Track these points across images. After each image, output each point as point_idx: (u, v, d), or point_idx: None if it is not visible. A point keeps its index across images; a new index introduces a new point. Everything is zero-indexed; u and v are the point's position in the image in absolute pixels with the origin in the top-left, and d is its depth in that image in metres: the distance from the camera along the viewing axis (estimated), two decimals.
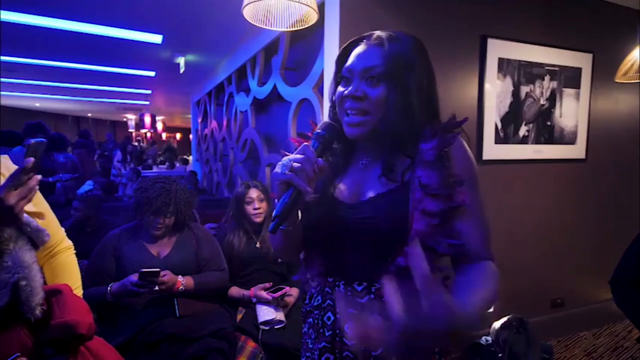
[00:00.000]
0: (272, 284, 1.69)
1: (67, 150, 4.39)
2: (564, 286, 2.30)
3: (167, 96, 7.49)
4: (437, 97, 0.73)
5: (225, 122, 3.95)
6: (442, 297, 0.45)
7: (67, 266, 1.02)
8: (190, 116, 6.97)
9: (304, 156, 0.62)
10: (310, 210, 0.72)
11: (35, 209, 0.90)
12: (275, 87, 2.53)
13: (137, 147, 8.66)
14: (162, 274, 1.41)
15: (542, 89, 2.07)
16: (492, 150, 1.98)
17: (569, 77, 2.14)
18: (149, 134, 12.64)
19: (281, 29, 1.46)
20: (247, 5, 1.31)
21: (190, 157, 8.53)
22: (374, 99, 0.66)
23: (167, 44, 3.42)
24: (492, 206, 0.72)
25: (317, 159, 0.64)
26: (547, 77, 2.07)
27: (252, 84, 2.96)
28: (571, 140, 2.20)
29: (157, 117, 10.75)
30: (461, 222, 0.65)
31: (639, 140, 2.42)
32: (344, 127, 0.71)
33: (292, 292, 1.72)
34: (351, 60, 0.70)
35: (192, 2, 2.46)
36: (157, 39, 3.27)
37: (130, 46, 3.47)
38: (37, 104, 9.17)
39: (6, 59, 4.13)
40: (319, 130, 0.69)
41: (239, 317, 1.65)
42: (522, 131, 2.05)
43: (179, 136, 15.34)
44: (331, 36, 1.72)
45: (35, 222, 0.82)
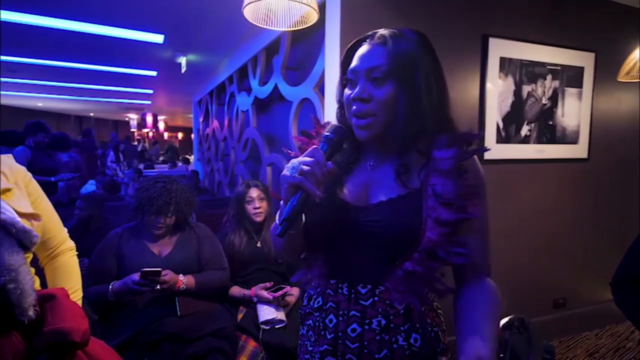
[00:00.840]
0: (272, 283, 1.70)
1: (71, 149, 4.40)
2: (566, 286, 2.29)
3: (168, 96, 7.51)
4: (447, 94, 0.71)
5: (226, 122, 3.96)
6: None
7: (68, 268, 1.02)
8: (192, 116, 6.99)
9: (313, 159, 0.61)
10: (314, 210, 0.71)
11: (31, 211, 0.88)
12: (276, 86, 2.53)
13: (131, 146, 8.50)
14: (163, 273, 1.41)
15: (544, 89, 2.06)
16: (493, 150, 1.97)
17: (571, 77, 2.13)
18: (150, 134, 12.68)
19: (282, 29, 1.46)
20: (247, 5, 1.31)
21: (191, 157, 8.54)
22: (380, 100, 0.65)
23: (168, 43, 3.43)
24: (493, 206, 0.71)
25: (327, 162, 0.64)
26: (549, 77, 2.06)
27: (254, 83, 2.96)
28: (573, 139, 2.19)
29: (159, 117, 10.77)
30: (468, 234, 0.66)
31: None
32: (353, 129, 0.70)
33: (293, 292, 1.72)
34: (355, 61, 0.68)
35: (193, 2, 2.46)
36: (158, 38, 3.28)
37: (131, 46, 3.48)
38: (40, 104, 9.21)
39: (9, 58, 4.15)
40: (327, 133, 0.67)
41: (240, 316, 1.65)
42: (524, 131, 2.04)
43: (180, 136, 15.37)
44: (332, 36, 1.72)
45: (21, 222, 0.80)
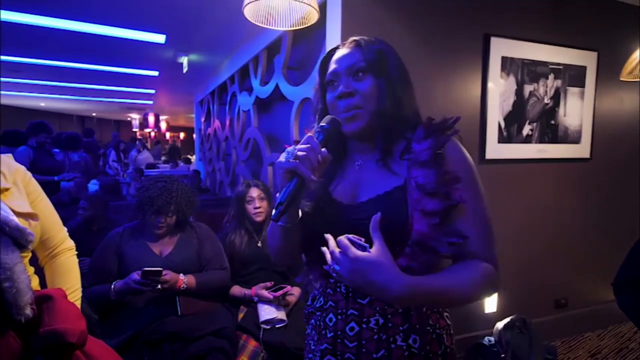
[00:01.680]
0: (273, 283, 1.70)
1: (81, 149, 4.43)
2: (568, 286, 2.28)
3: (170, 96, 7.52)
4: (414, 96, 0.76)
5: (228, 122, 3.96)
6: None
7: (67, 267, 1.02)
8: (193, 115, 6.99)
9: (308, 145, 0.63)
10: (310, 211, 0.73)
11: (29, 210, 0.88)
12: (277, 86, 2.53)
13: (132, 145, 8.28)
14: (164, 272, 1.41)
15: (546, 88, 2.05)
16: (495, 149, 1.96)
17: (574, 76, 2.12)
18: (152, 134, 12.70)
19: (282, 29, 1.46)
20: (247, 4, 1.31)
21: (193, 157, 8.55)
22: (364, 92, 0.70)
23: (170, 43, 3.43)
24: (495, 206, 0.71)
25: (322, 149, 0.65)
26: (551, 76, 2.05)
27: (255, 83, 2.96)
28: (575, 139, 2.18)
29: (161, 117, 10.77)
30: (461, 221, 0.65)
31: None
32: (342, 127, 0.72)
33: (294, 291, 1.72)
34: (333, 65, 0.74)
35: (194, 1, 2.46)
36: (160, 38, 3.29)
37: (133, 46, 3.48)
38: (43, 104, 9.24)
39: (11, 59, 4.17)
40: (323, 123, 0.71)
41: (241, 316, 1.66)
42: (526, 130, 2.03)
43: (182, 135, 15.39)
44: (333, 35, 1.72)
45: (14, 221, 0.79)
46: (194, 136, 7.03)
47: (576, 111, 2.16)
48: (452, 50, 1.84)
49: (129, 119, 12.20)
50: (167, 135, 14.19)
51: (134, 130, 11.62)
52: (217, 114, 4.61)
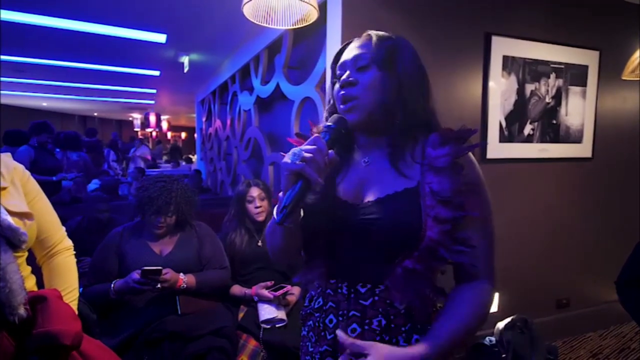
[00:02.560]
0: (273, 282, 1.69)
1: (81, 149, 4.43)
2: (570, 286, 2.27)
3: (171, 95, 7.53)
4: (430, 94, 0.73)
5: (229, 121, 3.96)
6: None
7: (64, 267, 1.01)
8: (194, 115, 7.00)
9: (315, 147, 0.61)
10: (312, 209, 0.70)
11: (25, 210, 0.88)
12: (278, 85, 2.53)
13: (130, 145, 8.20)
14: (164, 271, 1.41)
15: (547, 87, 2.04)
16: (496, 149, 1.96)
17: (575, 75, 2.11)
18: (154, 133, 12.71)
19: (282, 27, 1.46)
20: (247, 3, 1.31)
21: (194, 156, 8.56)
22: (365, 84, 0.68)
23: (171, 43, 3.44)
24: (496, 206, 0.71)
25: (328, 150, 0.63)
26: (552, 75, 2.04)
27: (256, 82, 2.96)
28: (577, 139, 2.17)
29: (163, 116, 10.80)
30: (469, 231, 0.64)
31: None
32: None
33: (294, 291, 1.72)
34: (343, 57, 0.73)
35: (195, 1, 2.47)
36: (161, 38, 3.29)
37: (134, 46, 3.49)
38: (45, 104, 9.27)
39: (13, 59, 4.19)
40: (330, 123, 0.69)
41: (241, 315, 1.65)
42: (527, 130, 2.02)
43: (184, 135, 15.41)
44: (333, 35, 1.71)
45: (7, 220, 0.79)
46: (195, 136, 7.04)
47: (578, 110, 2.15)
48: (453, 49, 1.83)
49: (130, 118, 12.23)
50: (169, 134, 14.21)
51: (136, 130, 11.64)
52: (218, 113, 4.61)
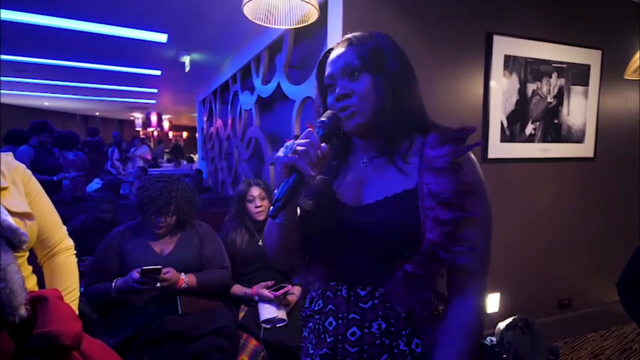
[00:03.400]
0: (274, 282, 1.69)
1: (78, 148, 4.43)
2: (572, 286, 2.26)
3: (173, 95, 7.54)
4: (418, 91, 0.73)
5: (230, 121, 3.96)
6: None
7: (65, 267, 1.01)
8: (196, 115, 7.01)
9: (308, 140, 0.62)
10: (310, 212, 0.70)
11: (26, 210, 0.88)
12: (279, 85, 2.52)
13: (132, 145, 8.14)
14: (164, 271, 1.41)
15: (549, 87, 2.04)
16: (497, 148, 1.95)
17: (577, 74, 2.10)
18: (155, 133, 12.72)
19: (282, 27, 1.46)
20: (247, 2, 1.31)
21: (196, 156, 8.57)
22: (360, 92, 0.67)
23: (172, 43, 3.44)
24: (497, 206, 0.70)
25: (321, 144, 0.63)
26: (554, 75, 2.04)
27: (257, 82, 2.96)
28: (579, 138, 2.16)
29: (164, 116, 10.81)
30: (468, 231, 0.64)
31: None
32: (343, 127, 0.70)
33: (294, 291, 1.72)
34: (328, 68, 0.72)
35: (196, 1, 2.46)
36: (162, 38, 3.29)
37: (135, 45, 3.49)
38: (46, 103, 9.29)
39: (15, 58, 4.19)
40: (323, 118, 0.68)
41: (241, 315, 1.65)
42: (529, 129, 2.02)
43: (185, 135, 15.42)
44: (334, 34, 1.71)
45: (7, 221, 0.78)
46: (197, 135, 7.04)
47: (580, 110, 2.14)
48: (454, 48, 1.82)
49: (131, 118, 12.24)
50: (170, 134, 14.21)
51: (137, 129, 11.65)
52: (219, 113, 4.62)
